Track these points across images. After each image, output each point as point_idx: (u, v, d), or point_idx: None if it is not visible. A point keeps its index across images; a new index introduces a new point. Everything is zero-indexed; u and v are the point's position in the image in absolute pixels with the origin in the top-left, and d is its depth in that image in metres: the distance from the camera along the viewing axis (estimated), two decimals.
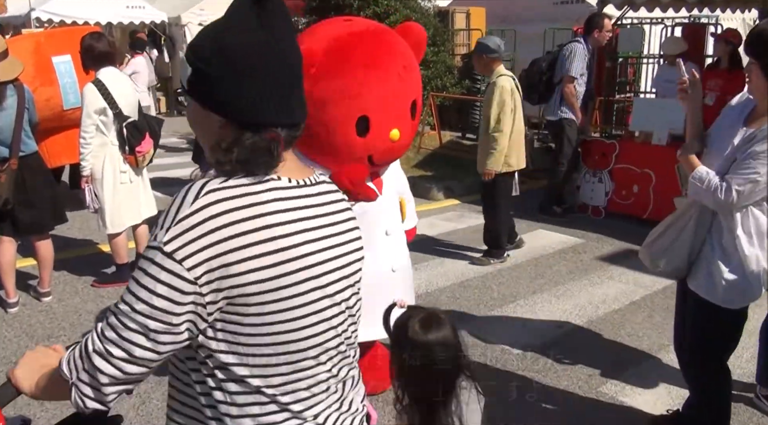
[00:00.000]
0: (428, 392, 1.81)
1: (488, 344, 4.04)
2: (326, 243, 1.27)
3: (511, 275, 5.24)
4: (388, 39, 2.80)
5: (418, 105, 2.87)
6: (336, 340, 1.29)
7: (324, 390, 1.29)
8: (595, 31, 6.52)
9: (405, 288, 3.17)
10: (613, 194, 6.67)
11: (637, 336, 4.15)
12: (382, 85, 2.69)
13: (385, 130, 2.75)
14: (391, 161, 2.95)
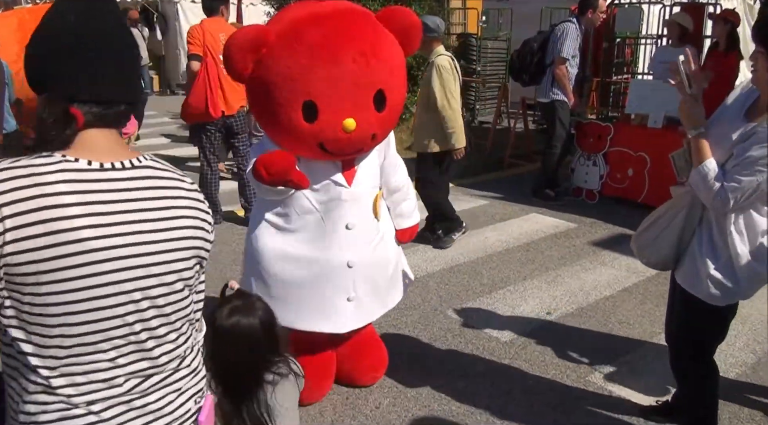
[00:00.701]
0: (233, 381, 1.83)
1: (476, 330, 3.96)
2: (120, 230, 1.23)
3: (502, 260, 5.16)
4: (349, 22, 2.60)
5: (389, 96, 2.66)
6: (123, 330, 1.26)
7: (105, 379, 1.26)
8: (589, 11, 6.37)
9: (367, 285, 3.02)
10: (608, 177, 6.56)
11: (629, 323, 4.07)
12: (329, 70, 2.49)
13: (336, 119, 2.55)
14: (351, 152, 2.76)
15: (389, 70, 2.65)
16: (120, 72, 1.30)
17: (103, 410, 1.27)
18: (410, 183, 3.27)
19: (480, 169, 8.03)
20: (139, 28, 14.28)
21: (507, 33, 10.82)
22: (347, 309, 2.99)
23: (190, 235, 1.36)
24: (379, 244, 3.03)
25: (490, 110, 10.47)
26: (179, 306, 1.36)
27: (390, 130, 2.89)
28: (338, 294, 2.96)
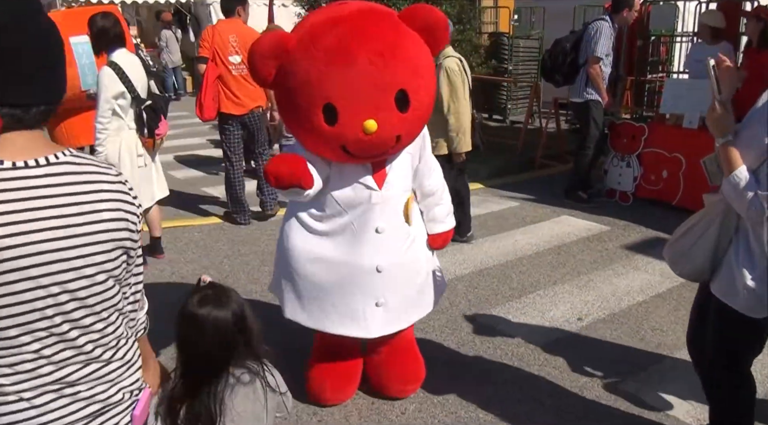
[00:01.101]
0: (195, 368, 1.84)
1: (505, 336, 3.91)
2: (34, 226, 1.27)
3: (532, 263, 5.08)
4: (367, 23, 2.59)
5: (412, 96, 2.62)
6: (44, 323, 1.31)
7: (30, 369, 1.32)
8: (624, 10, 6.25)
9: (397, 291, 2.98)
10: (642, 179, 6.44)
11: (661, 330, 3.98)
12: (346, 72, 2.50)
13: (356, 120, 2.54)
14: (375, 154, 2.73)
15: (412, 69, 2.61)
16: (37, 72, 1.32)
17: (35, 397, 1.33)
18: (445, 187, 3.19)
19: (511, 170, 7.96)
20: (172, 29, 14.50)
21: (539, 32, 10.68)
22: (376, 314, 2.97)
23: (111, 228, 1.39)
24: (409, 249, 3.00)
25: (521, 110, 10.36)
26: (104, 297, 1.40)
27: (417, 131, 2.83)
28: (367, 299, 2.94)
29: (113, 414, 1.47)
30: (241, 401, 1.86)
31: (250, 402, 1.89)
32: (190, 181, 7.81)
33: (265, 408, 1.91)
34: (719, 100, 2.26)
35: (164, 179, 5.09)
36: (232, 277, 4.82)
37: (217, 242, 5.61)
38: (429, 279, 3.16)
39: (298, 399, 3.27)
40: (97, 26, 4.53)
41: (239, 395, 1.86)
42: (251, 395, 1.88)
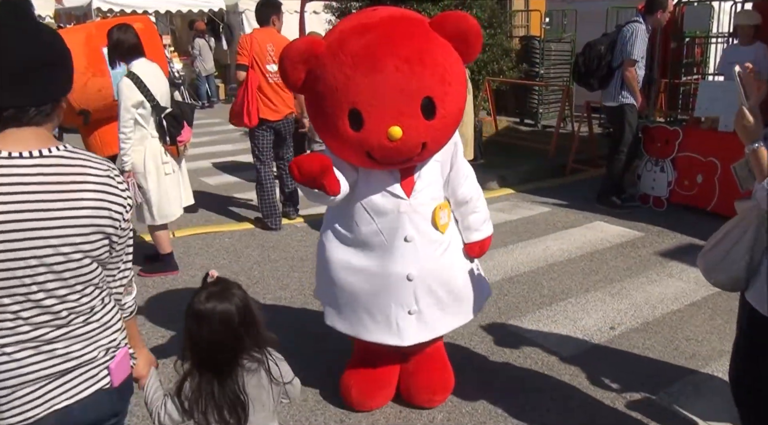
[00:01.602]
0: (208, 358, 1.96)
1: (535, 345, 3.87)
2: (20, 207, 1.51)
3: (564, 270, 5.02)
4: (395, 30, 2.59)
5: (439, 104, 2.60)
6: (21, 289, 1.55)
7: (10, 327, 1.57)
8: (658, 12, 6.15)
9: (430, 299, 2.97)
10: (676, 184, 6.31)
11: (696, 340, 3.89)
12: (372, 78, 2.51)
13: (381, 126, 2.54)
14: (400, 161, 2.72)
15: (439, 76, 2.59)
16: (30, 74, 1.56)
17: (15, 352, 1.59)
18: (480, 195, 3.13)
19: (542, 175, 7.88)
20: (205, 38, 14.68)
21: (571, 34, 10.58)
22: (409, 322, 2.96)
23: (92, 215, 1.61)
24: (442, 257, 2.97)
25: (553, 114, 10.26)
26: (79, 272, 1.64)
27: (444, 139, 2.80)
28: (399, 307, 2.95)
29: (89, 368, 1.71)
30: (254, 381, 2.00)
31: (255, 389, 2.01)
32: (222, 187, 7.89)
33: (270, 395, 2.05)
34: (747, 107, 2.21)
35: (189, 187, 5.16)
36: (261, 283, 4.85)
37: (248, 248, 5.65)
38: (467, 286, 3.11)
39: (330, 403, 3.29)
40: (113, 39, 4.64)
41: (253, 377, 2.00)
42: (255, 382, 2.01)
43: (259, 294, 4.66)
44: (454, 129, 2.81)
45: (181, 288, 4.81)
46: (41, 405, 1.64)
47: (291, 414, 3.23)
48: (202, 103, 14.99)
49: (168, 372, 3.57)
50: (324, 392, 3.40)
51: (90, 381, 1.72)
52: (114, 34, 4.63)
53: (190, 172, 8.55)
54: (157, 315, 4.30)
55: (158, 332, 4.09)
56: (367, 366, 3.22)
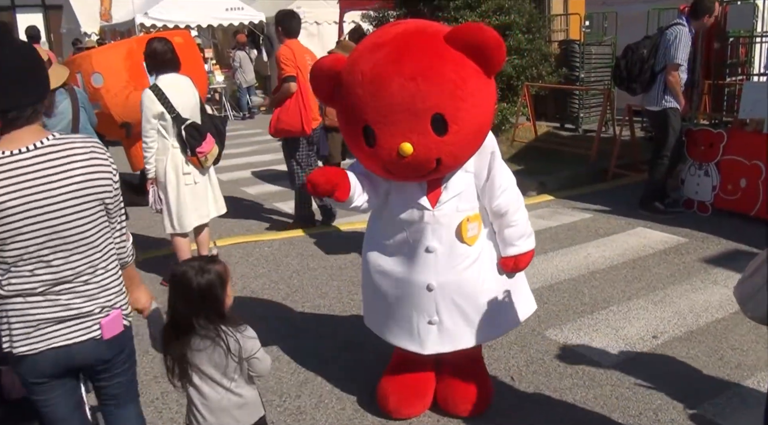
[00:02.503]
0: (176, 321, 2.27)
1: (576, 354, 3.82)
2: (28, 191, 1.96)
3: (606, 278, 4.94)
4: (406, 46, 2.60)
5: (450, 119, 2.58)
6: (36, 254, 2.02)
7: (25, 282, 2.04)
8: (705, 17, 6.01)
9: (453, 311, 2.98)
10: (720, 188, 6.16)
11: (742, 349, 3.79)
12: (379, 96, 2.58)
13: (390, 142, 2.61)
14: (415, 176, 2.76)
15: (449, 92, 2.58)
16: (23, 78, 1.99)
17: (29, 299, 2.06)
18: (519, 208, 3.04)
19: (583, 180, 7.78)
20: (246, 50, 14.91)
21: (612, 37, 10.43)
22: (430, 331, 3.01)
23: (83, 185, 2.05)
24: (467, 270, 2.96)
25: (594, 118, 10.11)
26: (81, 236, 2.08)
27: (463, 153, 2.76)
28: (420, 316, 3.00)
29: (85, 320, 2.14)
30: (205, 352, 2.27)
31: (207, 359, 2.28)
32: (262, 196, 8.00)
33: (227, 367, 2.30)
34: None
35: (221, 196, 5.24)
36: (301, 292, 4.89)
37: (287, 257, 5.71)
38: (498, 302, 3.07)
39: (368, 411, 3.30)
40: (150, 48, 4.82)
41: (198, 351, 2.27)
42: (209, 353, 2.27)
43: (298, 302, 4.71)
44: (474, 143, 2.77)
45: None
46: (43, 342, 2.09)
47: (329, 423, 3.25)
48: (243, 114, 15.22)
49: None
50: (362, 400, 3.41)
51: (84, 330, 2.14)
52: (152, 45, 4.82)
53: (230, 181, 8.76)
54: None
55: None
56: (404, 374, 3.24)
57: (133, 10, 13.81)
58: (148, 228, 6.53)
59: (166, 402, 3.49)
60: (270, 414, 3.33)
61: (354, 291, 4.76)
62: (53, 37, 21.63)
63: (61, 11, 19.30)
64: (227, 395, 2.35)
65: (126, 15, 14.51)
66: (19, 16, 22.35)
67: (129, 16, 14.14)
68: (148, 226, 6.59)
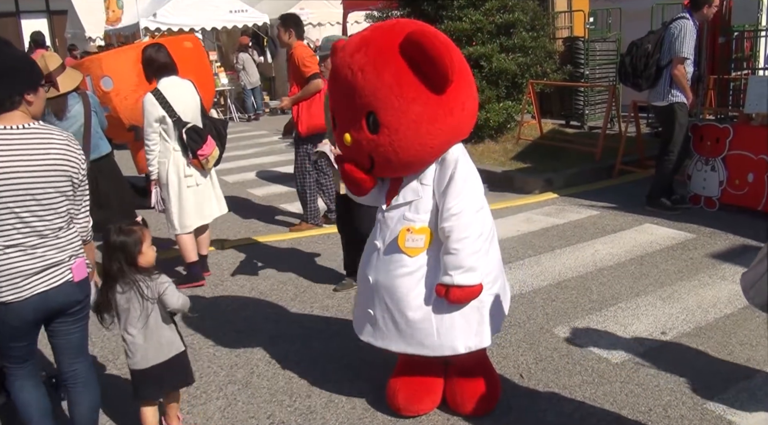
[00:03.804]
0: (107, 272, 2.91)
1: (585, 351, 3.82)
2: (12, 162, 2.48)
3: (613, 275, 4.94)
4: (367, 39, 2.77)
5: (382, 120, 2.68)
6: (18, 213, 2.53)
7: (8, 237, 2.54)
8: (705, 7, 6.00)
9: (383, 310, 3.03)
10: (727, 183, 6.15)
11: (751, 345, 3.79)
12: (333, 85, 2.93)
13: (341, 131, 2.89)
14: (359, 167, 2.93)
15: (383, 94, 2.68)
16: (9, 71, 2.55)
17: (12, 253, 2.54)
18: (466, 238, 2.82)
19: (589, 177, 7.78)
20: (249, 52, 14.93)
21: (616, 33, 10.41)
22: (368, 320, 3.15)
23: (59, 163, 2.59)
24: (402, 278, 2.96)
25: (599, 115, 10.11)
26: (53, 202, 2.60)
27: (397, 160, 2.79)
28: (364, 304, 3.17)
29: (60, 267, 2.65)
30: (149, 291, 2.90)
31: (126, 301, 2.90)
32: (269, 198, 8.02)
33: (143, 307, 2.90)
34: None
35: (222, 197, 5.34)
36: (309, 292, 4.91)
37: (295, 257, 5.73)
38: (428, 323, 2.96)
39: (378, 410, 3.33)
40: (145, 56, 4.95)
41: (120, 295, 2.90)
42: (127, 296, 2.90)
43: (306, 303, 4.72)
44: (412, 153, 2.77)
45: (227, 297, 4.92)
46: (28, 289, 2.57)
47: (339, 422, 3.27)
48: (248, 116, 15.25)
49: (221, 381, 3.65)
50: (372, 399, 3.42)
51: (60, 276, 2.65)
52: (147, 53, 4.95)
53: (236, 183, 8.79)
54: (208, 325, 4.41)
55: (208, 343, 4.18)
56: (412, 373, 3.25)
57: (137, 14, 13.84)
58: (156, 230, 6.56)
59: None
60: (280, 414, 3.36)
61: None
62: (58, 42, 21.71)
63: (65, 16, 19.37)
64: (149, 333, 2.94)
65: (131, 19, 14.55)
66: (24, 22, 22.48)
67: (133, 20, 14.18)
68: (156, 228, 6.61)
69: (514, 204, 7.03)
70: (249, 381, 3.69)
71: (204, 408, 3.46)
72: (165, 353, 2.99)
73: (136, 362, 2.96)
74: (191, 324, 4.43)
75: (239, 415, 3.38)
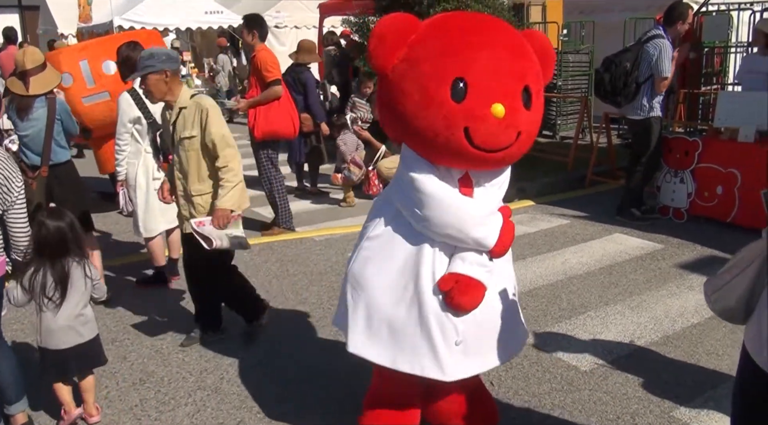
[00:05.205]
0: (46, 252, 3.12)
1: (554, 358, 3.85)
2: None
3: (583, 284, 5.00)
4: (497, 24, 2.60)
5: (534, 95, 2.50)
6: None
7: None
8: (678, 23, 6.10)
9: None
10: (696, 195, 6.27)
11: (717, 354, 3.86)
12: (481, 50, 2.43)
13: (486, 100, 2.38)
14: (496, 147, 2.46)
15: (536, 72, 2.55)
16: None
17: None
18: None
19: (561, 187, 7.86)
20: (229, 55, 14.84)
21: (589, 46, 10.56)
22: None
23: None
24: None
25: (571, 125, 10.23)
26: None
27: (531, 137, 2.58)
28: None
29: None
30: (75, 274, 3.16)
31: (75, 276, 3.17)
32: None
33: (84, 285, 3.20)
34: None
35: None
36: (280, 297, 4.88)
37: (266, 262, 5.69)
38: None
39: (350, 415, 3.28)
40: (122, 55, 4.84)
41: (74, 270, 3.17)
42: (77, 273, 3.17)
43: (278, 307, 4.69)
44: (538, 129, 2.65)
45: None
46: None
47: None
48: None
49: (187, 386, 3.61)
50: (344, 406, 3.40)
51: None
52: (122, 51, 4.85)
53: None
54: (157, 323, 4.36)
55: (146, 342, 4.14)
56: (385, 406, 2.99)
57: (111, 12, 13.67)
58: (124, 233, 6.47)
59: (144, 409, 3.46)
60: (250, 421, 3.33)
61: (334, 296, 4.76)
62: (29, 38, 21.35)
63: (37, 12, 19.07)
64: (75, 310, 3.18)
65: (104, 17, 14.37)
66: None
67: (107, 17, 14.01)
68: (123, 230, 6.53)
69: None
70: (218, 386, 3.65)
71: (172, 415, 3.41)
72: (87, 334, 3.24)
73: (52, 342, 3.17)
74: (160, 329, 4.37)
75: (208, 421, 3.34)
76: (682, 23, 6.13)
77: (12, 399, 3.19)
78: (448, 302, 2.56)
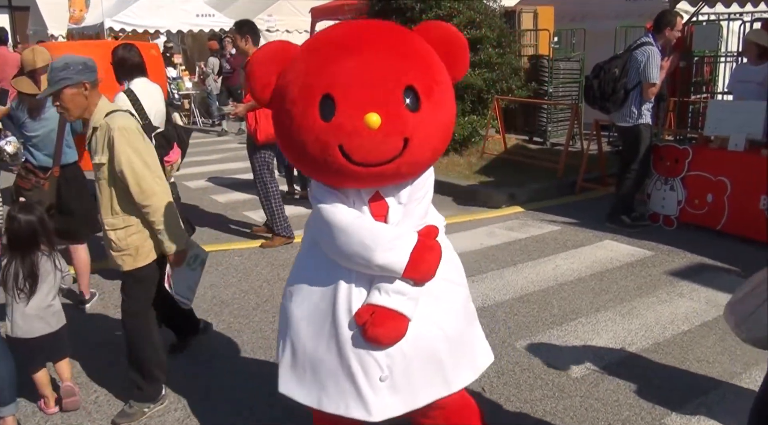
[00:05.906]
0: (17, 246, 3.29)
1: (546, 365, 3.85)
2: None
3: (574, 290, 5.00)
4: (376, 27, 2.36)
5: (423, 95, 2.21)
6: None
7: None
8: (666, 29, 6.15)
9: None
10: (686, 203, 6.30)
11: (707, 361, 3.87)
12: (348, 61, 2.19)
13: (356, 112, 2.13)
14: (375, 160, 2.20)
15: (424, 67, 2.27)
16: None
17: None
18: None
19: (552, 193, 7.89)
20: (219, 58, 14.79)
21: (580, 53, 10.63)
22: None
23: None
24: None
25: (562, 132, 10.28)
26: None
27: (430, 139, 2.29)
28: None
29: None
30: (45, 267, 3.32)
31: (44, 268, 3.32)
32: (231, 204, 7.93)
33: (54, 276, 3.36)
34: None
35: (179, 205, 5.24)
36: (271, 302, 4.85)
37: (257, 266, 5.67)
38: None
39: None
40: (117, 56, 4.80)
41: (44, 263, 3.33)
42: (47, 266, 3.33)
43: (269, 312, 4.67)
44: (443, 131, 2.36)
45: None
46: None
47: None
48: (212, 121, 15.09)
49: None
50: None
51: None
52: (118, 53, 4.81)
53: (199, 189, 8.69)
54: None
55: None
56: None
57: (102, 14, 13.62)
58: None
59: None
60: None
61: None
62: (19, 39, 21.23)
63: (28, 13, 18.98)
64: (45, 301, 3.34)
65: (95, 18, 14.31)
66: None
67: (98, 19, 13.95)
68: None
69: (478, 217, 7.08)
70: (208, 392, 3.63)
71: (162, 420, 3.38)
72: (55, 324, 3.40)
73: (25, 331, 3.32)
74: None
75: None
76: (670, 30, 6.17)
77: (6, 401, 3.17)
78: (364, 336, 2.30)
